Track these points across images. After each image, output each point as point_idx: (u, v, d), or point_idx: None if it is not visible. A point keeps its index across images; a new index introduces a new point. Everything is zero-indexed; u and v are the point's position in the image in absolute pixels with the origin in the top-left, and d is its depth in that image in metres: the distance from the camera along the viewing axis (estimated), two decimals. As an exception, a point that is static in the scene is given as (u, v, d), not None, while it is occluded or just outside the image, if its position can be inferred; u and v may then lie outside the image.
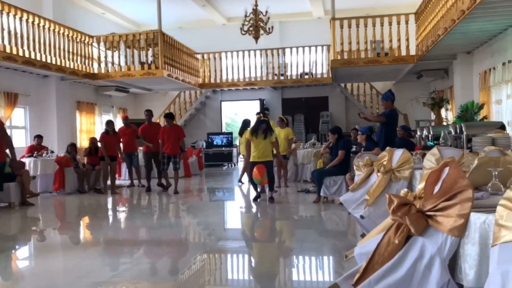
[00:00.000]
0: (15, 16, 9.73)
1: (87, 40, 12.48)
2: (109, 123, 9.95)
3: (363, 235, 4.21)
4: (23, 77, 11.02)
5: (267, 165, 7.68)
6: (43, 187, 9.67)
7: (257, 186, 7.98)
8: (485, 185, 2.61)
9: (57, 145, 11.32)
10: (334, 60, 11.98)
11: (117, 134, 10.04)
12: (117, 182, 10.48)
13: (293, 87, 15.95)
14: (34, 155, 9.82)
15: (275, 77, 15.26)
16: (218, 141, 15.76)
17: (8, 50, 9.46)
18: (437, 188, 2.43)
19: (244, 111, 17.44)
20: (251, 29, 11.00)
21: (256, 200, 7.88)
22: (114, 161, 9.93)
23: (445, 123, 10.50)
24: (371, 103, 15.52)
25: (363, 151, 6.91)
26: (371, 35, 11.55)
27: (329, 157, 8.00)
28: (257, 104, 16.23)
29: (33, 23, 10.29)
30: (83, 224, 7.13)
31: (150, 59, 12.51)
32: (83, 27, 12.80)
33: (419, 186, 2.63)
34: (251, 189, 8.56)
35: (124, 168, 11.63)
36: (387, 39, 11.68)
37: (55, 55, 11.01)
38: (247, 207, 7.85)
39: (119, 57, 12.76)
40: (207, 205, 8.57)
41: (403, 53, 11.64)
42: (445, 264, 2.15)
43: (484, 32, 8.44)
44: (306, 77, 15.12)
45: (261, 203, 7.78)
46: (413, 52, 11.83)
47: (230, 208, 8.31)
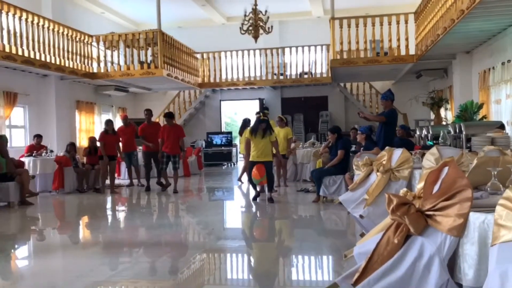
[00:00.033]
0: (14, 15, 9.71)
1: (86, 39, 12.47)
2: (109, 123, 9.95)
3: (362, 235, 4.21)
4: (23, 76, 11.01)
5: (266, 165, 7.66)
6: (42, 186, 9.67)
7: (256, 186, 7.98)
8: (484, 184, 2.61)
9: (56, 144, 11.30)
10: (333, 59, 11.98)
11: (116, 134, 10.05)
12: (116, 182, 10.48)
13: (292, 86, 15.94)
14: (33, 154, 9.81)
15: (275, 77, 15.24)
16: (218, 140, 15.76)
17: (7, 50, 9.44)
18: (436, 188, 2.43)
19: (244, 110, 17.42)
20: (250, 28, 10.99)
21: (255, 199, 7.89)
22: (114, 160, 9.93)
23: (444, 123, 10.49)
24: (371, 102, 15.52)
25: (362, 150, 6.91)
26: (371, 34, 11.55)
27: (329, 156, 8.00)
28: (256, 104, 16.21)
29: (32, 22, 10.27)
30: (82, 224, 7.13)
31: (150, 58, 12.48)
32: (83, 26, 12.79)
33: (419, 186, 2.64)
34: (250, 188, 8.55)
35: (124, 167, 11.63)
36: (386, 38, 11.68)
37: (54, 55, 11.00)
38: (247, 207, 7.85)
39: (118, 56, 12.74)
40: (206, 204, 8.57)
41: (403, 52, 11.63)
42: (444, 263, 2.16)
43: (483, 31, 8.44)
44: (306, 76, 15.11)
45: (260, 203, 7.78)
46: (412, 51, 11.83)
47: (229, 208, 8.31)
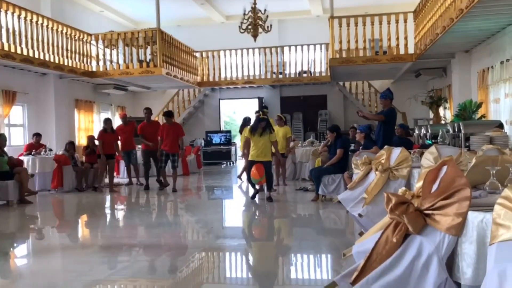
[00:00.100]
0: (13, 14, 9.69)
1: (85, 38, 12.45)
2: (107, 121, 9.94)
3: (361, 234, 4.22)
4: (21, 75, 10.99)
5: (265, 165, 7.64)
6: (41, 185, 9.66)
7: (255, 185, 7.96)
8: (483, 183, 2.62)
9: (55, 143, 11.28)
10: (332, 58, 11.97)
11: (115, 132, 10.04)
12: (115, 180, 10.48)
13: (291, 85, 15.94)
14: (32, 153, 9.80)
15: (274, 76, 15.24)
16: (217, 139, 15.76)
17: (6, 48, 9.42)
18: (435, 187, 2.43)
19: (243, 109, 17.41)
20: (249, 27, 10.98)
21: (253, 198, 7.88)
22: (112, 159, 9.93)
23: (443, 122, 10.49)
24: (370, 101, 15.52)
25: (361, 149, 6.91)
26: (370, 33, 11.54)
27: (328, 155, 8.00)
28: (255, 103, 16.20)
29: (31, 21, 10.25)
30: (81, 223, 7.13)
31: (149, 57, 12.46)
32: (81, 25, 12.77)
33: (417, 185, 2.64)
34: (249, 187, 8.55)
35: (123, 166, 11.63)
36: (385, 37, 11.67)
37: (53, 53, 10.98)
38: (246, 205, 7.85)
39: (117, 55, 12.72)
40: (205, 203, 8.57)
41: (402, 51, 11.62)
42: (442, 262, 2.16)
43: (482, 30, 8.44)
44: (305, 75, 15.11)
45: (259, 202, 7.79)
46: (411, 50, 11.83)
47: (228, 207, 8.32)
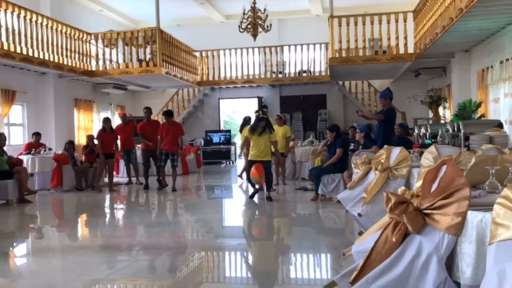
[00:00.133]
0: (12, 13, 9.69)
1: (85, 37, 12.44)
2: (106, 121, 9.93)
3: (360, 233, 4.22)
4: (21, 74, 10.98)
5: (265, 164, 7.62)
6: (40, 184, 9.66)
7: (255, 184, 7.95)
8: (482, 183, 2.62)
9: (55, 142, 11.28)
10: (332, 58, 11.97)
11: (114, 132, 10.03)
12: (115, 180, 10.47)
13: (291, 85, 15.93)
14: (32, 152, 9.79)
15: (273, 75, 15.25)
16: (216, 138, 15.76)
17: (5, 47, 9.42)
18: (434, 187, 2.43)
19: (243, 109, 17.41)
20: (249, 26, 10.98)
21: (252, 197, 7.87)
22: (111, 158, 9.92)
23: (442, 121, 10.49)
24: (369, 101, 15.52)
25: (361, 149, 6.92)
26: (369, 33, 11.53)
27: (327, 155, 8.00)
28: (255, 102, 16.19)
29: (30, 20, 10.24)
30: (81, 222, 7.13)
31: (148, 56, 12.46)
32: (81, 24, 12.76)
33: (417, 184, 2.64)
34: (249, 186, 8.55)
35: (122, 165, 11.62)
36: (385, 37, 11.66)
37: (53, 52, 10.97)
38: (245, 205, 7.85)
39: (117, 54, 12.72)
40: (205, 202, 8.57)
41: (401, 51, 11.62)
42: (442, 262, 2.16)
43: (482, 30, 8.45)
44: (304, 75, 15.11)
45: (259, 201, 7.79)
46: (411, 50, 11.83)
47: (228, 206, 8.32)
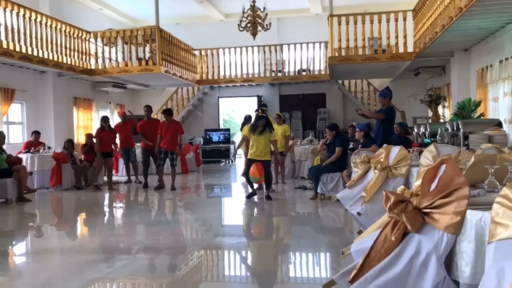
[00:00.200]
0: (11, 11, 9.67)
1: (84, 35, 12.43)
2: (105, 120, 9.92)
3: (360, 232, 4.22)
4: (20, 72, 10.97)
5: (264, 164, 7.60)
6: (40, 183, 9.66)
7: (254, 184, 7.90)
8: (481, 182, 2.62)
9: (54, 141, 11.28)
10: (331, 57, 11.96)
11: (113, 131, 10.02)
12: (114, 178, 10.46)
13: (290, 83, 15.93)
14: (31, 151, 9.78)
15: (273, 74, 15.25)
16: (216, 137, 15.76)
17: (5, 46, 9.41)
18: (433, 186, 2.44)
19: (242, 107, 17.42)
20: (248, 25, 10.98)
21: (249, 197, 7.81)
22: (110, 157, 9.91)
23: (442, 120, 10.51)
24: (369, 100, 15.52)
25: (360, 148, 6.92)
26: (369, 32, 11.53)
27: (326, 154, 8.00)
28: (254, 101, 16.19)
29: (30, 18, 10.23)
30: (80, 220, 7.13)
31: (148, 55, 12.45)
32: (80, 22, 12.74)
33: (416, 183, 2.65)
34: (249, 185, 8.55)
35: (122, 164, 11.61)
36: (384, 36, 11.66)
37: (52, 51, 10.96)
38: (245, 204, 7.84)
39: (116, 53, 12.71)
40: (204, 201, 8.57)
41: (401, 50, 11.62)
42: (441, 261, 2.17)
43: (481, 29, 8.44)
44: (304, 73, 15.11)
45: (258, 200, 7.78)
46: (410, 49, 11.82)
47: (227, 205, 8.32)
